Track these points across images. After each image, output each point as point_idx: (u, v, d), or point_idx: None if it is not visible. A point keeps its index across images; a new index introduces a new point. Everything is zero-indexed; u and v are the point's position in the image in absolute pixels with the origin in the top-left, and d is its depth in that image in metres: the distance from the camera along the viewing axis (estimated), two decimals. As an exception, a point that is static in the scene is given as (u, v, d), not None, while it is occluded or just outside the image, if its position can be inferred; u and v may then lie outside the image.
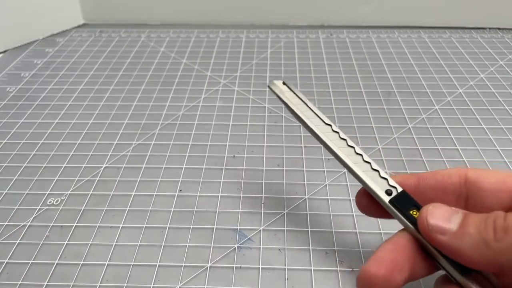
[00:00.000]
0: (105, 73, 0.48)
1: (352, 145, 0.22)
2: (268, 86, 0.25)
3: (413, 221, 0.20)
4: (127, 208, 0.31)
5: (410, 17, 0.58)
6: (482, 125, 0.39)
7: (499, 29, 0.57)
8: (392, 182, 0.21)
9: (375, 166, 0.22)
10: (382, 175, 0.21)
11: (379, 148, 0.36)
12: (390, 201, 0.21)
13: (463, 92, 0.44)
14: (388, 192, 0.21)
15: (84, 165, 0.35)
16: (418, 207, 0.20)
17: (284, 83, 0.25)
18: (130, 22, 0.60)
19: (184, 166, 0.35)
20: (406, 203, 0.20)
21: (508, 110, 0.41)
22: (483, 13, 0.56)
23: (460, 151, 0.36)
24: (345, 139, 0.23)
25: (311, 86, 0.45)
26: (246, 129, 0.39)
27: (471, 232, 0.17)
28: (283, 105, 0.24)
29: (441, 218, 0.18)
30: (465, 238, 0.17)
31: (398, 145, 0.37)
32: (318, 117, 0.24)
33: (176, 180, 0.33)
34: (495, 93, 0.44)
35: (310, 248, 0.28)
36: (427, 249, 0.19)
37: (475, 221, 0.17)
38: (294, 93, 0.24)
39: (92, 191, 0.33)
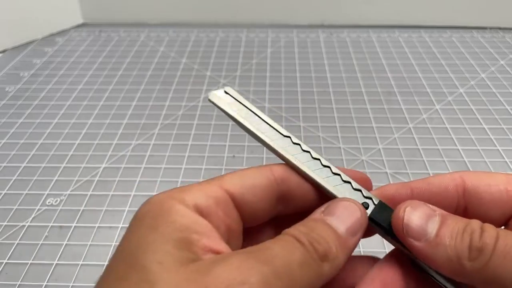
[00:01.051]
0: (104, 72, 0.48)
1: (318, 157, 0.20)
2: (209, 100, 0.21)
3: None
4: (127, 208, 0.31)
5: (411, 17, 0.58)
6: (483, 125, 0.39)
7: (500, 28, 0.57)
8: (366, 193, 0.20)
9: (345, 178, 0.20)
10: (354, 186, 0.20)
11: (379, 148, 0.36)
12: (369, 218, 0.19)
13: (463, 92, 0.44)
14: (365, 206, 0.19)
15: (83, 165, 0.35)
16: None
17: (226, 92, 0.22)
18: (130, 22, 0.60)
19: (183, 166, 0.35)
20: (386, 215, 0.19)
21: (509, 110, 0.41)
22: (484, 13, 0.56)
23: (461, 151, 0.36)
24: (308, 151, 0.20)
25: (311, 86, 0.45)
26: (246, 129, 0.39)
27: (446, 243, 0.16)
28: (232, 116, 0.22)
29: (417, 222, 0.17)
30: (440, 250, 0.16)
31: (398, 145, 0.37)
32: (274, 129, 0.21)
33: (175, 180, 0.33)
34: (496, 93, 0.43)
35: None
36: (419, 264, 0.19)
37: (453, 231, 0.16)
38: (240, 103, 0.21)
39: (92, 191, 0.32)
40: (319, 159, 0.20)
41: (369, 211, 0.19)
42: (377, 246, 0.27)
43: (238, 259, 0.14)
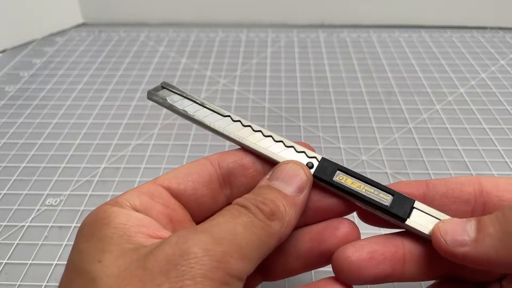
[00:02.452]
0: (104, 72, 0.48)
1: (259, 129, 0.21)
2: (149, 99, 0.21)
3: (341, 187, 0.19)
4: (126, 209, 0.31)
5: (411, 16, 0.58)
6: (483, 125, 0.39)
7: (500, 28, 0.57)
8: (310, 154, 0.20)
9: (288, 143, 0.20)
10: (298, 149, 0.20)
11: (379, 148, 0.36)
12: (313, 175, 0.20)
13: (464, 92, 0.44)
14: (309, 165, 0.20)
15: (83, 165, 0.35)
16: (343, 170, 0.19)
17: (163, 87, 0.22)
18: (130, 22, 0.60)
19: (183, 166, 0.35)
20: (330, 171, 0.20)
21: (509, 110, 0.41)
22: (484, 13, 0.56)
23: (461, 151, 0.36)
24: (249, 125, 0.21)
25: (311, 86, 0.45)
26: (246, 129, 0.39)
27: (491, 231, 0.16)
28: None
29: (456, 231, 0.17)
30: (487, 240, 0.16)
31: (399, 145, 0.37)
32: (214, 111, 0.21)
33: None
34: (496, 93, 0.43)
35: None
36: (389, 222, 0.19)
37: (491, 221, 0.16)
38: (180, 95, 0.22)
39: (91, 192, 0.32)
40: (260, 131, 0.21)
41: (313, 170, 0.20)
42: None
43: (177, 236, 0.14)
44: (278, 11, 0.58)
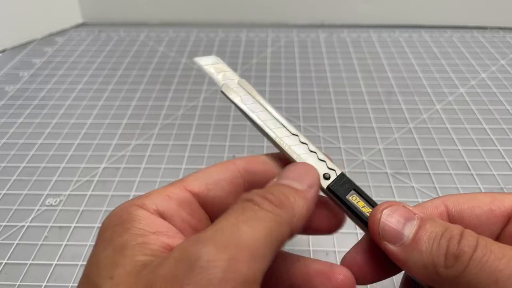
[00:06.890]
0: (104, 72, 0.48)
1: (314, 151, 0.20)
2: (222, 91, 0.21)
3: (351, 208, 0.19)
4: (126, 209, 0.31)
5: (411, 16, 0.58)
6: (483, 125, 0.39)
7: (500, 28, 0.57)
8: (330, 165, 0.19)
9: (312, 148, 0.20)
10: (320, 157, 0.20)
11: (379, 148, 0.36)
12: (328, 187, 0.19)
13: (464, 92, 0.44)
14: (326, 176, 0.19)
15: (82, 165, 0.35)
16: (358, 191, 0.19)
17: (239, 84, 0.21)
18: (130, 21, 0.60)
19: (183, 166, 0.35)
20: (345, 188, 0.19)
21: (510, 110, 0.41)
22: (484, 13, 0.56)
23: (462, 151, 0.36)
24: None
25: (311, 86, 0.45)
26: (246, 129, 0.39)
27: (423, 249, 0.16)
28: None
29: (394, 225, 0.17)
30: (415, 255, 0.16)
31: (399, 145, 0.36)
32: (284, 126, 0.21)
33: (175, 180, 0.33)
34: (496, 93, 0.43)
35: (311, 248, 0.28)
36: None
37: (430, 236, 0.16)
38: (252, 96, 0.21)
39: (91, 192, 0.32)
40: (297, 135, 0.20)
41: (329, 182, 0.19)
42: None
43: (179, 249, 0.14)
44: (278, 11, 0.58)
